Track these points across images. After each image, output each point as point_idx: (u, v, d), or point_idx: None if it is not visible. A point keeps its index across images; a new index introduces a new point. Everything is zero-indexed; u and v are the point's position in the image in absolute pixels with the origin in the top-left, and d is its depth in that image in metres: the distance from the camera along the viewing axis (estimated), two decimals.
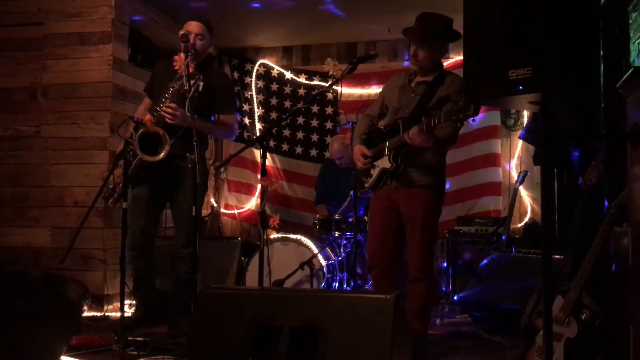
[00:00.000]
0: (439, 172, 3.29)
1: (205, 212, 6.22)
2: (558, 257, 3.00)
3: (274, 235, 4.72)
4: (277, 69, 6.34)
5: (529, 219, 5.57)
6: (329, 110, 6.23)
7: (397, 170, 3.18)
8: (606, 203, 3.29)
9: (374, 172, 3.31)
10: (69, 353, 2.93)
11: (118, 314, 3.31)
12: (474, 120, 2.85)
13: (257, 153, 6.15)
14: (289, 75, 6.30)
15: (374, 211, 3.39)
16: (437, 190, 3.28)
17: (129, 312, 4.10)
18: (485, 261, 4.31)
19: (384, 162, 3.23)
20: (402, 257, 3.43)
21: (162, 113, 3.47)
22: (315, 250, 4.53)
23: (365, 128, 3.46)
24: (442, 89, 3.19)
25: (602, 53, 1.89)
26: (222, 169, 6.33)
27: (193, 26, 3.65)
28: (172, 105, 3.46)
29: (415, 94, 3.27)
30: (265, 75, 6.37)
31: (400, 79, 3.41)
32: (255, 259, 4.52)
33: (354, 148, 3.43)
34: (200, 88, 3.46)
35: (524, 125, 5.52)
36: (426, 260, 3.23)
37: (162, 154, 3.43)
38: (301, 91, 6.27)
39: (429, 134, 2.99)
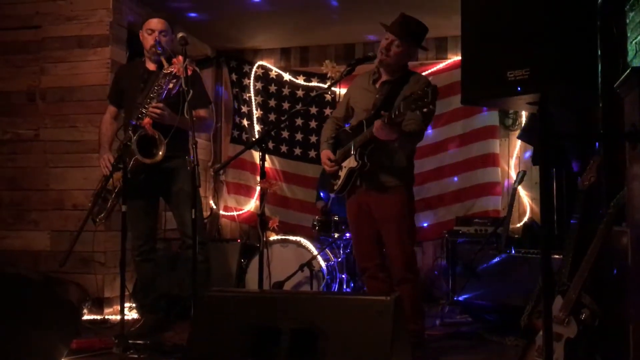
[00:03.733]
0: (408, 172, 3.27)
1: (204, 214, 6.21)
2: (557, 256, 3.00)
3: (273, 237, 4.72)
4: (275, 70, 6.34)
5: (528, 219, 5.57)
6: (328, 111, 6.23)
7: (364, 168, 3.13)
8: (605, 203, 3.30)
9: (342, 174, 3.26)
10: (69, 356, 2.93)
11: (118, 317, 3.30)
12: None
13: (256, 155, 6.15)
14: (287, 76, 6.31)
15: (351, 217, 3.37)
16: (407, 190, 3.25)
17: (129, 315, 4.10)
18: (484, 261, 4.31)
19: (351, 162, 3.18)
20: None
21: (150, 113, 3.41)
22: (315, 252, 4.53)
23: (331, 132, 3.44)
24: (406, 88, 3.14)
25: (599, 53, 1.89)
26: (221, 171, 6.33)
27: (155, 23, 3.62)
28: (160, 105, 3.42)
29: (380, 93, 3.24)
30: (264, 76, 6.37)
31: (364, 80, 3.37)
32: (255, 260, 4.53)
33: (321, 153, 3.40)
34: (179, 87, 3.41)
35: (522, 125, 5.53)
36: (409, 259, 3.19)
37: (160, 153, 3.41)
38: (299, 92, 6.28)
39: (392, 126, 2.92)
